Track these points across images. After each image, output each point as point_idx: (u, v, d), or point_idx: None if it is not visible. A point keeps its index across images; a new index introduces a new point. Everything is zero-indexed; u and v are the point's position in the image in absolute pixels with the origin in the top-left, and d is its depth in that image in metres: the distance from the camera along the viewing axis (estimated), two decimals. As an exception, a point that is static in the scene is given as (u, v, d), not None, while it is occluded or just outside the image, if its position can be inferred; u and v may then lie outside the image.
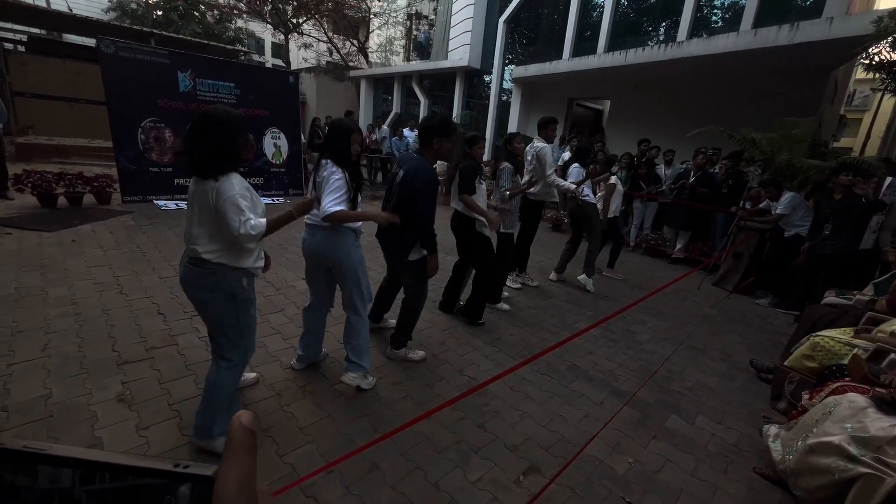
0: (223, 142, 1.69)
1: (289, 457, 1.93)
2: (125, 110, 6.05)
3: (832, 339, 2.66)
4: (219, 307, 1.83)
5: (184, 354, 2.63)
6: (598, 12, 9.72)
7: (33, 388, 2.20)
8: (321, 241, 2.29)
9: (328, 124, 2.36)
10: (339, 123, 2.32)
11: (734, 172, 5.83)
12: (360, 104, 17.53)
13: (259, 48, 25.16)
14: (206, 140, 1.68)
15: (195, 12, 18.13)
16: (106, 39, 5.86)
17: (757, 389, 3.01)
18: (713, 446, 2.35)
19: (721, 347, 3.64)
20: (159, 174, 6.52)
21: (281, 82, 7.51)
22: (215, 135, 1.68)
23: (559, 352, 3.15)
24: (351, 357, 2.44)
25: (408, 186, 2.49)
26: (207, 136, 1.68)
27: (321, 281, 2.46)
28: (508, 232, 3.80)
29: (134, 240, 4.67)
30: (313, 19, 15.98)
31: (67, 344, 2.61)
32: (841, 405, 1.91)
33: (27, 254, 3.96)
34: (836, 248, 4.20)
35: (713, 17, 8.12)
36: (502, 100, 12.30)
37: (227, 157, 1.72)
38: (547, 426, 2.35)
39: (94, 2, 18.18)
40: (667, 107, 8.52)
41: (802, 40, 5.56)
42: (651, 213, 6.71)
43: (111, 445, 1.88)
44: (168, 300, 3.33)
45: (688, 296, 4.93)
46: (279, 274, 4.06)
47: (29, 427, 1.94)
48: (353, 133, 2.25)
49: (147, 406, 2.16)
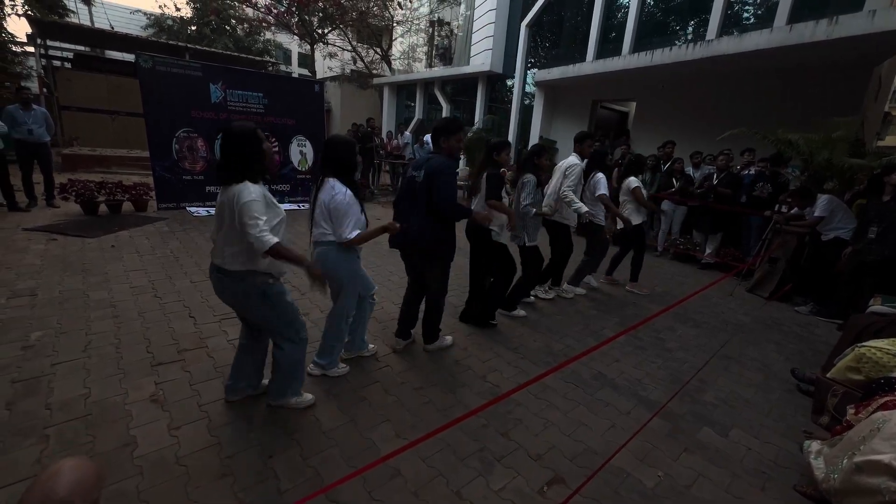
0: (241, 152, 1.84)
1: (312, 460, 1.95)
2: (161, 121, 6.35)
3: (880, 351, 2.50)
4: (256, 308, 1.99)
5: (213, 357, 2.71)
6: (623, 13, 9.55)
7: (74, 386, 2.31)
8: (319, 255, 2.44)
9: (326, 141, 2.45)
10: (341, 139, 2.41)
11: (772, 174, 5.58)
12: (384, 111, 17.79)
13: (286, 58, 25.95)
14: (227, 150, 1.84)
15: (227, 27, 18.88)
16: (144, 55, 6.17)
17: (797, 402, 2.86)
18: (749, 461, 2.23)
19: (757, 357, 3.48)
20: (192, 182, 6.78)
21: (307, 91, 7.70)
22: (233, 146, 1.84)
23: (584, 359, 3.08)
24: (315, 357, 2.59)
25: (431, 182, 2.57)
26: (227, 147, 1.85)
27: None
28: (532, 245, 3.67)
29: (168, 245, 4.86)
30: (338, 29, 16.36)
31: (106, 345, 2.74)
32: (891, 421, 1.78)
33: (71, 258, 4.18)
34: (881, 253, 3.95)
35: (745, 14, 7.85)
36: (525, 104, 12.24)
37: (246, 166, 1.85)
38: (572, 436, 2.30)
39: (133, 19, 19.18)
40: (695, 108, 8.27)
41: (842, 35, 5.30)
42: (680, 216, 6.51)
43: (144, 444, 1.95)
44: (199, 303, 3.44)
45: (720, 302, 4.74)
46: (304, 279, 4.13)
47: (69, 425, 2.03)
48: (355, 146, 2.38)
49: (178, 406, 2.23)
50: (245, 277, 1.90)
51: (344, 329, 2.58)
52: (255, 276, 1.93)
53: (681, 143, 7.26)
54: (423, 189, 2.60)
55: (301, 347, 2.19)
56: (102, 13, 17.98)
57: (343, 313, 2.54)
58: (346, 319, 2.57)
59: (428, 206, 2.61)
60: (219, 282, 1.97)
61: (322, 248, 2.40)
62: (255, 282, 1.93)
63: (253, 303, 1.97)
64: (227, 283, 1.94)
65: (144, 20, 19.57)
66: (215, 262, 1.96)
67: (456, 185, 2.63)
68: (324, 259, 2.41)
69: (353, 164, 2.37)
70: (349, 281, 2.49)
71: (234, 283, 1.92)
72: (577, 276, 4.51)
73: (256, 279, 1.93)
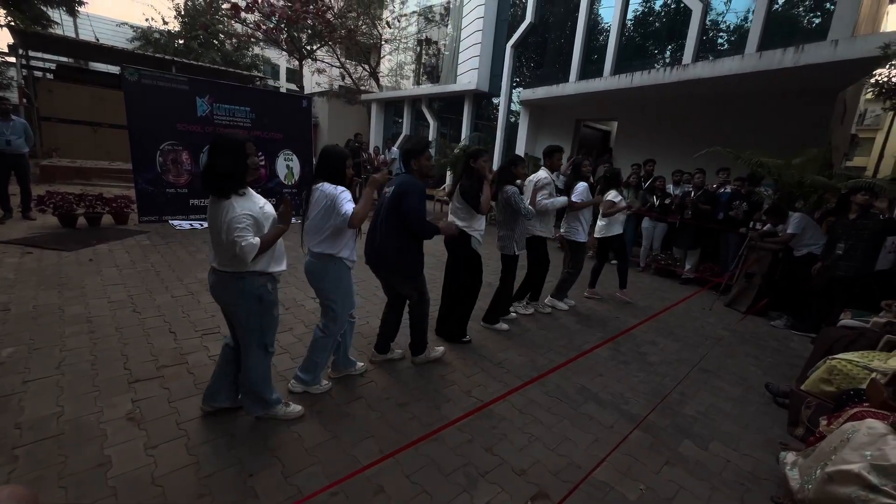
0: (226, 163, 1.88)
1: (295, 478, 1.92)
2: (145, 134, 6.29)
3: (850, 363, 2.59)
4: (247, 309, 2.02)
5: (193, 373, 2.65)
6: (605, 36, 9.93)
7: (47, 405, 2.23)
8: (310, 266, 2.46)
9: (321, 151, 2.50)
10: (334, 150, 2.46)
11: (747, 193, 5.81)
12: (371, 126, 17.92)
13: (274, 73, 26.02)
14: (213, 161, 1.89)
15: (215, 41, 18.91)
16: (130, 68, 6.15)
17: (773, 414, 2.93)
18: (729, 473, 2.28)
19: (735, 370, 3.56)
20: (175, 195, 6.70)
21: (294, 106, 7.75)
22: (220, 157, 1.89)
23: (568, 373, 3.12)
24: (298, 371, 2.57)
25: (398, 200, 2.63)
26: (214, 158, 1.89)
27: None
28: (518, 254, 3.72)
29: (149, 259, 4.78)
30: (327, 46, 16.54)
31: (81, 361, 2.66)
32: (860, 432, 1.85)
33: (47, 272, 4.07)
34: (848, 269, 4.13)
35: (719, 40, 8.24)
36: (510, 121, 12.50)
37: (230, 177, 1.90)
38: (556, 450, 2.31)
39: (119, 32, 19.08)
40: (675, 128, 8.58)
41: (808, 62, 5.60)
42: (660, 233, 6.68)
43: (119, 464, 1.89)
44: (179, 318, 3.38)
45: (700, 317, 4.85)
46: (289, 293, 4.10)
47: (40, 444, 1.96)
48: (347, 159, 2.41)
49: (156, 425, 2.17)
50: (245, 276, 1.98)
51: (330, 346, 2.57)
52: (256, 276, 2.00)
53: (661, 162, 7.50)
54: (390, 206, 2.65)
55: (268, 361, 2.20)
56: (88, 25, 17.86)
57: (332, 331, 2.52)
58: (334, 336, 2.55)
59: (394, 221, 2.64)
60: (218, 278, 2.01)
61: (315, 259, 2.41)
62: (254, 283, 2.00)
63: (246, 301, 2.01)
64: (226, 279, 1.99)
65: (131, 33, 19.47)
66: (212, 264, 2.04)
67: (425, 203, 2.68)
68: (316, 271, 2.43)
69: (345, 174, 2.40)
70: (341, 295, 2.48)
71: (234, 280, 1.98)
72: (559, 290, 4.57)
73: (255, 280, 2.01)
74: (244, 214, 1.88)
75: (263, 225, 1.98)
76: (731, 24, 8.03)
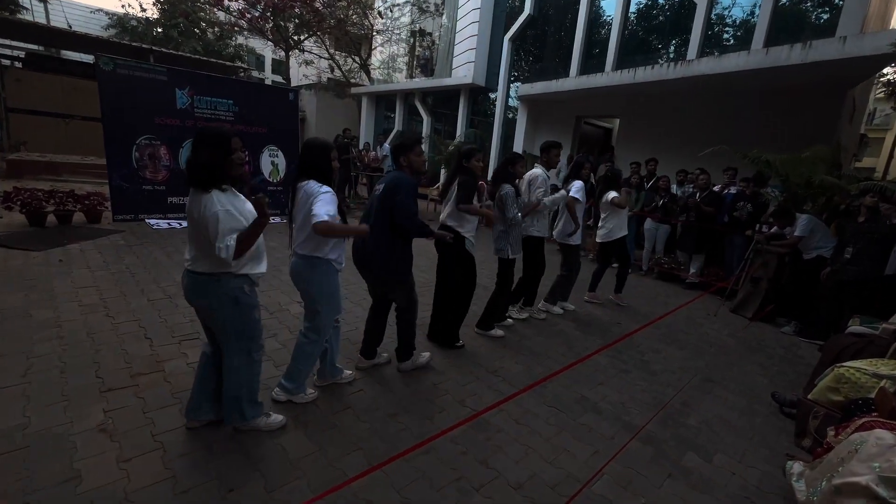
0: (209, 155, 1.89)
1: (278, 493, 1.91)
2: (121, 127, 6.24)
3: (858, 371, 2.63)
4: (224, 313, 2.01)
5: (170, 382, 2.63)
6: (606, 30, 10.02)
7: (11, 416, 2.20)
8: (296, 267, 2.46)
9: (304, 144, 2.49)
10: (316, 142, 2.45)
11: (753, 194, 5.87)
12: (362, 121, 17.91)
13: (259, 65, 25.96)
14: (197, 152, 1.91)
15: (196, 30, 18.81)
16: (104, 56, 6.10)
17: (780, 425, 2.96)
18: (734, 486, 2.30)
19: (741, 379, 3.60)
20: (152, 192, 6.65)
21: (280, 99, 7.74)
22: (203, 148, 1.90)
23: (567, 382, 3.13)
24: (282, 379, 2.56)
25: (389, 198, 2.64)
26: (198, 149, 1.91)
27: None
28: (514, 258, 3.74)
29: (123, 260, 4.73)
30: (315, 36, 16.53)
31: (50, 369, 2.63)
32: (868, 442, 1.88)
33: (12, 274, 4.02)
34: (857, 274, 4.19)
35: (724, 36, 8.35)
36: (508, 117, 12.55)
37: (213, 170, 1.90)
38: (553, 463, 2.32)
39: (93, 18, 18.92)
40: (678, 126, 8.67)
41: (815, 59, 5.69)
42: (663, 235, 6.74)
43: (90, 479, 1.87)
44: (156, 323, 3.35)
45: (704, 323, 4.90)
46: (273, 297, 4.08)
47: (4, 458, 1.93)
48: (332, 150, 2.41)
49: (129, 436, 2.15)
50: (220, 278, 1.97)
51: (316, 353, 2.56)
52: (231, 278, 2.00)
53: (665, 161, 7.57)
54: (380, 204, 2.66)
55: (254, 369, 2.20)
56: (60, 11, 17.71)
57: (317, 336, 2.52)
58: (320, 342, 2.54)
59: (384, 220, 2.66)
60: (193, 281, 2.00)
61: (300, 261, 2.41)
62: (229, 284, 1.99)
63: (222, 305, 2.00)
64: (200, 281, 1.98)
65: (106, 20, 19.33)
66: (187, 266, 2.02)
67: (415, 199, 2.70)
68: (302, 272, 2.43)
69: (331, 168, 2.38)
70: (328, 299, 2.48)
71: (210, 283, 1.97)
72: (553, 294, 4.60)
73: (231, 282, 2.00)
74: (224, 210, 1.86)
75: (245, 224, 1.96)
76: (736, 18, 8.15)
